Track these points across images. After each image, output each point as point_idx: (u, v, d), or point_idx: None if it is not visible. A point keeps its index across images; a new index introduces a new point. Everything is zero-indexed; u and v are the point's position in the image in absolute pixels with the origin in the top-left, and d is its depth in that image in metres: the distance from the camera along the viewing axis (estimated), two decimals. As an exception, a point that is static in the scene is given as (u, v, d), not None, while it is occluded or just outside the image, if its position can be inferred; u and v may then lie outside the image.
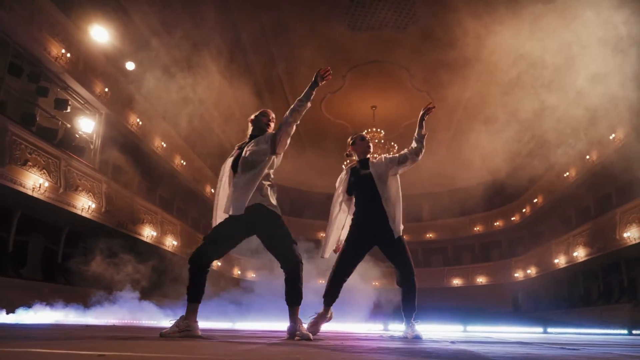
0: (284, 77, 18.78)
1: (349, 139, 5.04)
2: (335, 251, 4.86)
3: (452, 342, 3.76)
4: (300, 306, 3.93)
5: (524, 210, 24.94)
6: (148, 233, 15.77)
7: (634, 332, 11.57)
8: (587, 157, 17.64)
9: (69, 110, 12.67)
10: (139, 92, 15.45)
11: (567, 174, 19.42)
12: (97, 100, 13.35)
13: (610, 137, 15.88)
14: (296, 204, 29.58)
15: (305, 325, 3.96)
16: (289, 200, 29.06)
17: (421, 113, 4.79)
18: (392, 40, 16.39)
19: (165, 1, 14.75)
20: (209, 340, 3.25)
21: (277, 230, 3.92)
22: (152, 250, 15.59)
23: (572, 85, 14.03)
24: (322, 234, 19.36)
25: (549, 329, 12.62)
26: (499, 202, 26.69)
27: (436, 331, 9.90)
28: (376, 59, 17.60)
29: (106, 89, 13.56)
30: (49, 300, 9.88)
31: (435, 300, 23.34)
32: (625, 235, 15.12)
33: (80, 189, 12.43)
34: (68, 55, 11.91)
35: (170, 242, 17.37)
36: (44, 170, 11.10)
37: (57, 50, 11.63)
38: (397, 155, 4.83)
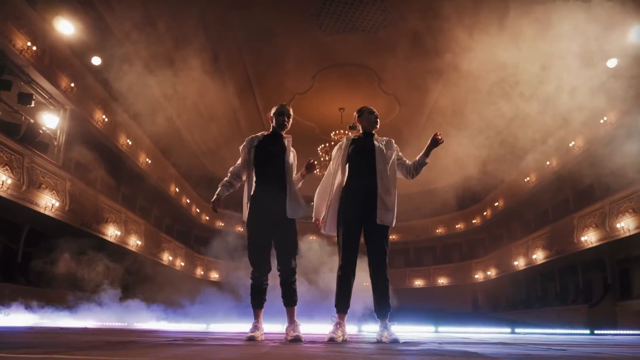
0: (253, 78, 18.71)
1: (355, 112, 4.74)
2: (316, 225, 4.70)
3: (440, 344, 3.84)
4: (296, 306, 4.27)
5: (485, 213, 25.53)
6: (112, 232, 15.47)
7: (595, 332, 12.01)
8: (548, 163, 18.21)
9: (32, 105, 12.31)
10: (105, 88, 15.17)
11: (528, 179, 20.01)
12: (62, 95, 13.04)
13: (570, 145, 16.43)
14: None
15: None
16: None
17: (430, 142, 4.46)
18: (362, 43, 16.54)
19: (134, -4, 14.50)
20: (207, 345, 3.25)
21: (292, 235, 4.35)
22: (117, 250, 15.31)
23: (540, 95, 14.51)
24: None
25: (517, 329, 12.97)
26: (461, 205, 27.21)
27: (409, 332, 10.06)
28: (346, 61, 17.72)
29: (72, 84, 13.25)
30: (8, 301, 9.62)
31: (397, 300, 23.61)
32: (582, 239, 15.67)
33: (43, 186, 12.11)
34: (34, 48, 11.59)
35: (135, 242, 17.08)
36: (7, 167, 10.79)
37: (23, 43, 11.31)
38: (402, 156, 4.66)
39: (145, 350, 2.50)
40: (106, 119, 15.10)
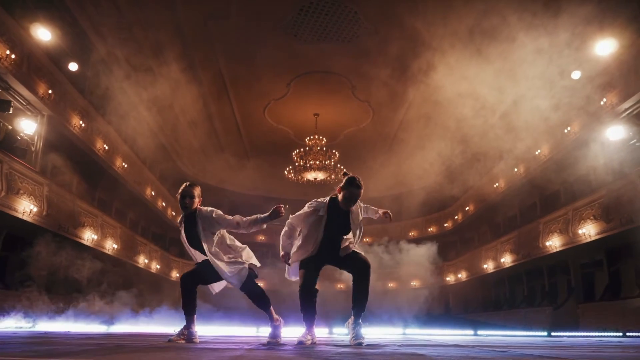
0: (229, 85, 18.98)
1: (344, 178, 4.75)
2: (282, 259, 5.03)
3: (399, 346, 4.23)
4: (271, 307, 4.81)
5: (456, 217, 26.14)
6: (89, 236, 15.59)
7: (552, 333, 12.58)
8: (515, 169, 18.83)
9: (11, 112, 12.42)
10: (82, 94, 15.32)
11: (497, 184, 20.61)
12: (40, 102, 13.14)
13: (536, 153, 17.04)
14: (234, 207, 29.59)
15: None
16: (228, 203, 29.14)
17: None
18: (337, 52, 16.96)
19: (111, 3, 14.66)
20: (188, 349, 3.58)
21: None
22: (94, 254, 15.42)
23: (508, 106, 15.08)
24: (262, 238, 19.66)
25: (479, 331, 13.48)
26: (433, 208, 27.78)
27: (378, 334, 10.47)
28: (320, 69, 18.12)
29: (49, 91, 13.38)
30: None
31: (371, 302, 23.96)
32: (547, 243, 16.30)
33: (21, 192, 12.22)
34: (12, 56, 11.72)
35: (111, 246, 17.21)
36: (-15, 174, 10.91)
37: (2, 52, 11.42)
38: (367, 207, 5.14)
39: (138, 354, 2.83)
40: (83, 125, 15.22)
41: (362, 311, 4.65)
